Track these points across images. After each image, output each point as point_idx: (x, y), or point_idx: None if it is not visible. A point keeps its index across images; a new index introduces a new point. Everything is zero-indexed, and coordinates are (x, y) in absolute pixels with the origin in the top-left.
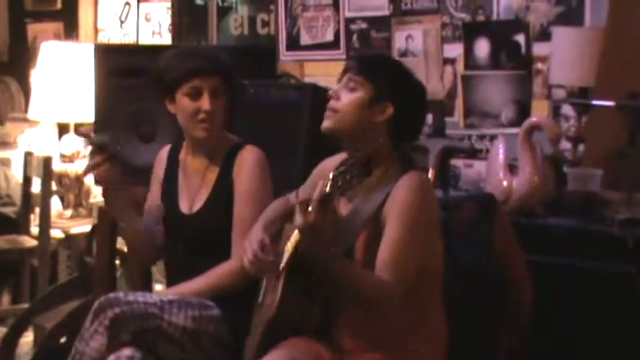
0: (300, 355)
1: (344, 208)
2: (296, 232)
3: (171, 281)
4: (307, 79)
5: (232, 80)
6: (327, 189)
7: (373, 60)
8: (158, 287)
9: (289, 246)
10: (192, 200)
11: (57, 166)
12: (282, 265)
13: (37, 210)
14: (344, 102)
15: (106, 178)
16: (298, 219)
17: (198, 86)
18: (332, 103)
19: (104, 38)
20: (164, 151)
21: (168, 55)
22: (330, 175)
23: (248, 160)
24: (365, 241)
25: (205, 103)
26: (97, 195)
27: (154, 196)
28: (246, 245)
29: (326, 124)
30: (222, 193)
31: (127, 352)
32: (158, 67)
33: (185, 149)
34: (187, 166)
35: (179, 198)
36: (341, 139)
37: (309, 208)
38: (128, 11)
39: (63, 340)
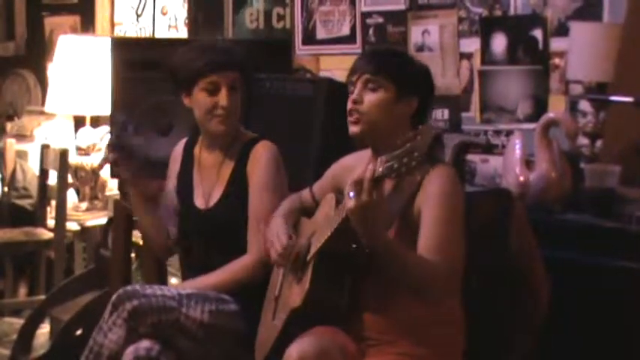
0: (328, 343)
1: None
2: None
3: (186, 276)
4: (323, 74)
5: (249, 75)
6: (381, 170)
7: (387, 57)
8: (173, 281)
9: (318, 239)
10: (207, 195)
11: (73, 159)
12: (310, 256)
13: (54, 202)
14: (369, 104)
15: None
16: (351, 200)
17: (215, 81)
18: (355, 107)
19: (120, 32)
20: (179, 146)
21: (186, 49)
22: (384, 158)
23: (262, 155)
24: (396, 234)
25: (223, 98)
26: (112, 188)
27: (169, 191)
28: (272, 238)
29: (355, 129)
30: (237, 188)
31: (145, 344)
32: (175, 61)
33: (200, 144)
34: (202, 160)
35: (194, 193)
36: (370, 141)
37: (363, 188)
38: (144, 5)
39: (79, 332)
